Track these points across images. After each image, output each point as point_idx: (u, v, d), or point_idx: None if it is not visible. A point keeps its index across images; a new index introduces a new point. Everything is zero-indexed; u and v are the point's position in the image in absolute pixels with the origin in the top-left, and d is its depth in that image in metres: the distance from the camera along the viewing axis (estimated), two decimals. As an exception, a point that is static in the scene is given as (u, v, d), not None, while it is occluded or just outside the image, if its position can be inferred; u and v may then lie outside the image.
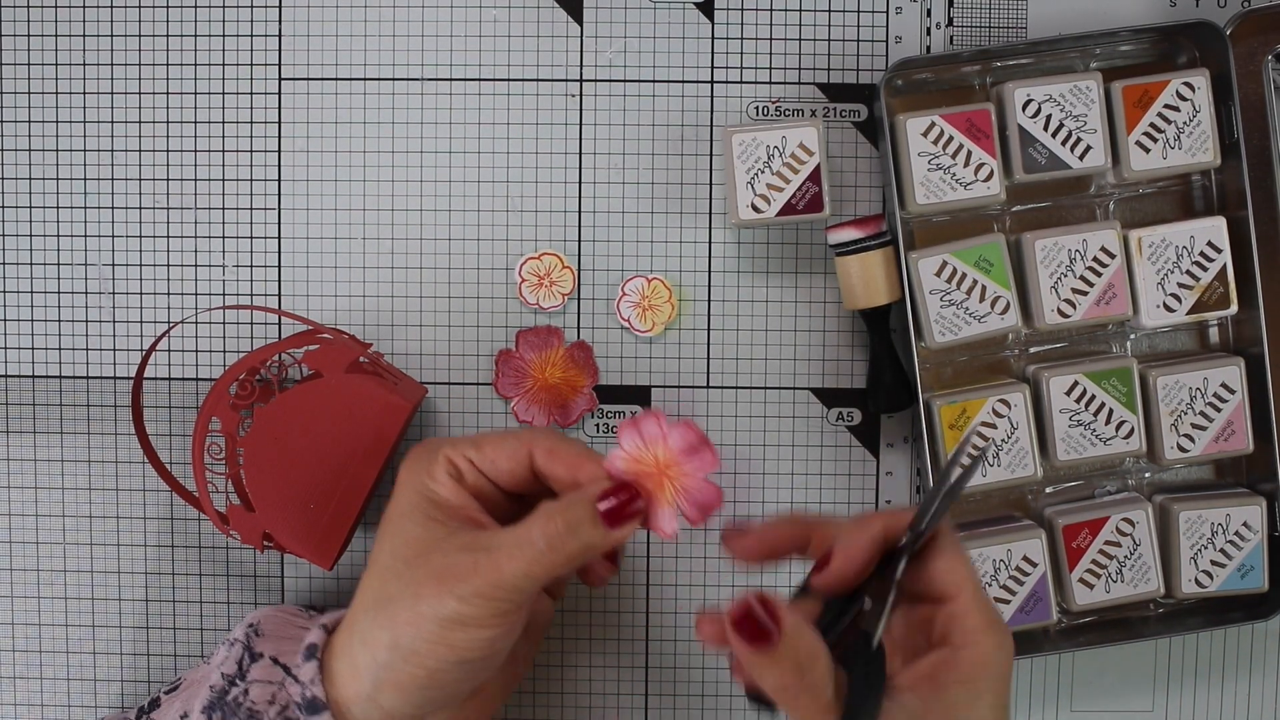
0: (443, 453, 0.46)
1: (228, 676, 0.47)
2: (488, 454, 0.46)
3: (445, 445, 0.47)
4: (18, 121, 0.57)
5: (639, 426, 0.44)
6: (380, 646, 0.44)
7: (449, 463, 0.46)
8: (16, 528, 0.58)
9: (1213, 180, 0.56)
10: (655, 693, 0.59)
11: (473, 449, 0.46)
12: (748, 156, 0.53)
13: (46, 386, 0.58)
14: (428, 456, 0.47)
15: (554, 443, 0.46)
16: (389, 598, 0.44)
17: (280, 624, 0.51)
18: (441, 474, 0.46)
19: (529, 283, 0.57)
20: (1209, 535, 0.55)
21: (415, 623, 0.43)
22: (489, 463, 0.46)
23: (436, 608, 0.43)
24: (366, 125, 0.57)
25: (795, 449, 0.58)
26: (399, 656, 0.44)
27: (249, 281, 0.58)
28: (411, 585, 0.44)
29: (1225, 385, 0.55)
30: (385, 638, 0.44)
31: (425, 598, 0.43)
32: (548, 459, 0.46)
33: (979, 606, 0.43)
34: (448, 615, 0.43)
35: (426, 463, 0.46)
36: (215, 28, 0.57)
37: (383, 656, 0.44)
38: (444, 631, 0.43)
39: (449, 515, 0.45)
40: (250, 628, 0.50)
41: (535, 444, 0.46)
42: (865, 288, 0.54)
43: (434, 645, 0.43)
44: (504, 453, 0.46)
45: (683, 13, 0.57)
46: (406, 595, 0.44)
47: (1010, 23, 0.57)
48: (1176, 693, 0.59)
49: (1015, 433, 0.54)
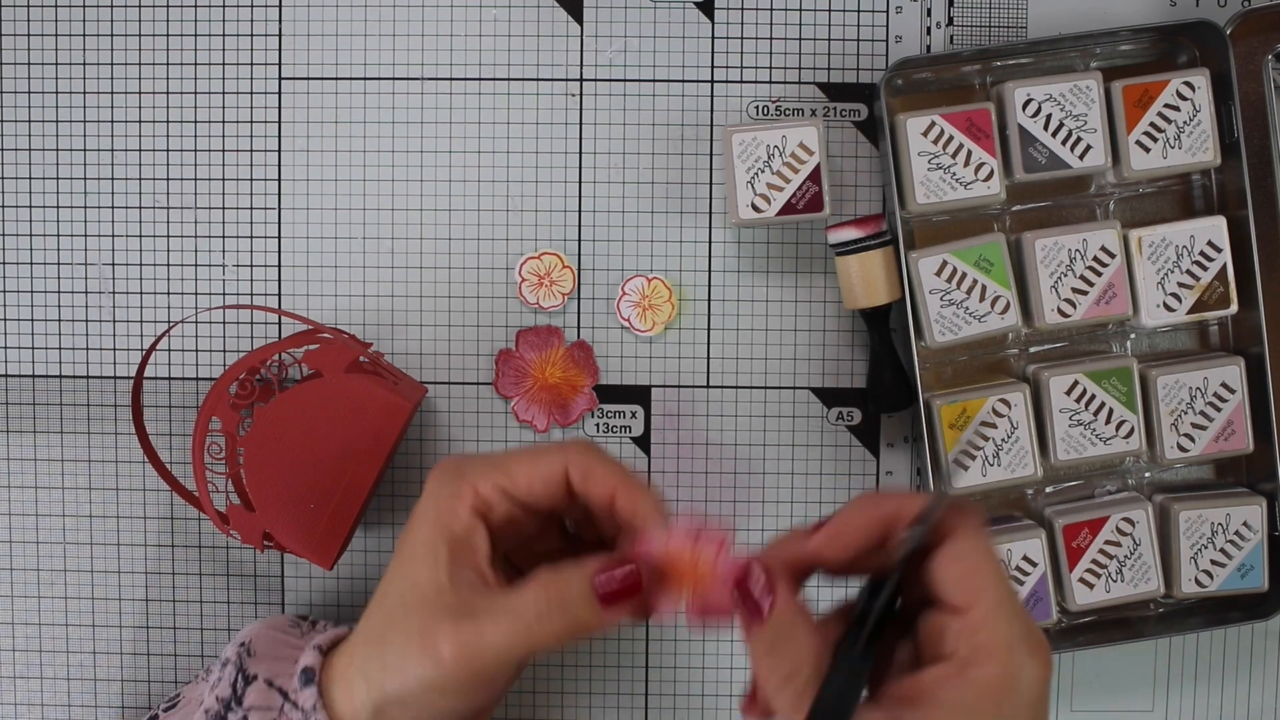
0: (470, 484, 0.44)
1: (223, 700, 0.47)
2: (520, 482, 0.44)
3: (472, 474, 0.44)
4: (18, 121, 0.57)
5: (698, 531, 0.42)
6: (375, 685, 0.44)
7: (476, 495, 0.44)
8: (16, 528, 0.58)
9: (1213, 180, 0.56)
10: (655, 693, 0.59)
11: (504, 477, 0.44)
12: (748, 156, 0.53)
13: (46, 386, 0.58)
14: (453, 485, 0.44)
15: (589, 463, 0.44)
16: (386, 641, 0.44)
17: (273, 643, 0.49)
18: (465, 510, 0.44)
19: (529, 282, 0.57)
20: (1209, 535, 0.55)
21: (402, 674, 0.43)
22: (523, 491, 0.44)
23: (421, 667, 0.42)
24: (366, 125, 0.57)
25: (795, 449, 0.58)
26: (390, 700, 0.43)
27: (249, 281, 0.58)
28: (404, 634, 0.43)
29: (1225, 385, 0.55)
30: (378, 678, 0.43)
31: (412, 653, 0.42)
32: (583, 482, 0.44)
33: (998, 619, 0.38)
34: (430, 678, 0.42)
35: (451, 494, 0.44)
36: (215, 28, 0.57)
37: (376, 695, 0.44)
38: (424, 693, 0.43)
39: (456, 560, 0.43)
40: (242, 647, 0.49)
41: (570, 465, 0.44)
42: (865, 287, 0.54)
43: (417, 703, 0.43)
44: (538, 478, 0.44)
45: (683, 13, 0.57)
46: (398, 645, 0.43)
47: (1010, 22, 0.57)
48: (1176, 693, 0.59)
49: (1015, 432, 0.54)
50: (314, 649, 0.47)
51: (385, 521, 0.58)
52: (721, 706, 0.59)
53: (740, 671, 0.59)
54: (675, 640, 0.59)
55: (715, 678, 0.59)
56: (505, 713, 0.59)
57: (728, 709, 0.59)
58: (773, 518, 0.58)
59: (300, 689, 0.45)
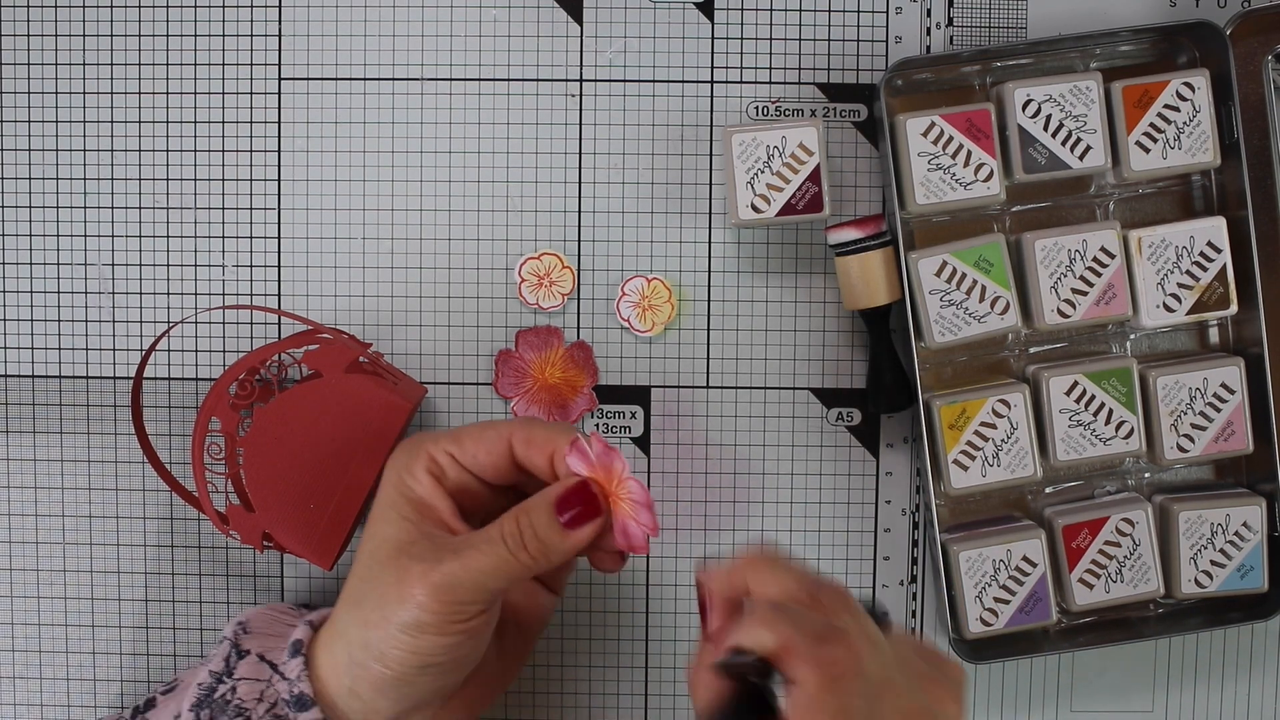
0: (424, 449, 0.46)
1: (215, 674, 0.48)
2: (468, 448, 0.46)
3: (428, 441, 0.47)
4: (18, 121, 0.57)
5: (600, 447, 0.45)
6: (355, 644, 0.45)
7: (430, 460, 0.46)
8: (16, 528, 0.58)
9: (1213, 180, 0.56)
10: (655, 693, 0.59)
11: (453, 444, 0.46)
12: (748, 156, 0.53)
13: (46, 386, 0.58)
14: (410, 453, 0.47)
15: (530, 431, 0.46)
16: (362, 597, 0.45)
17: (269, 622, 0.51)
18: (421, 472, 0.46)
19: (529, 283, 0.57)
20: (1209, 535, 0.55)
21: (381, 625, 0.44)
22: (470, 457, 0.46)
23: (398, 612, 0.43)
24: (366, 125, 0.57)
25: (795, 449, 0.58)
26: (370, 656, 0.44)
27: (249, 281, 0.58)
28: (379, 587, 0.44)
29: (1225, 385, 0.55)
30: (358, 636, 0.44)
31: (389, 601, 0.44)
32: (525, 448, 0.46)
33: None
34: (408, 620, 0.43)
35: (408, 459, 0.46)
36: (215, 28, 0.57)
37: (357, 655, 0.44)
38: (405, 636, 0.43)
39: (422, 516, 0.45)
40: (239, 625, 0.50)
41: (514, 434, 0.46)
42: (865, 288, 0.54)
43: (397, 649, 0.44)
44: (483, 446, 0.46)
45: (683, 13, 0.57)
46: (374, 596, 0.44)
47: (1010, 23, 0.57)
48: (1176, 693, 0.59)
49: (1015, 433, 0.54)
50: (305, 624, 0.48)
51: (385, 521, 0.58)
52: (721, 707, 0.59)
53: (740, 672, 0.59)
54: (675, 640, 0.59)
55: (715, 678, 0.58)
56: (505, 713, 0.59)
57: (727, 709, 0.59)
58: (773, 518, 0.58)
59: (288, 660, 0.46)
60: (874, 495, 0.58)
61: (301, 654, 0.46)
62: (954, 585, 0.55)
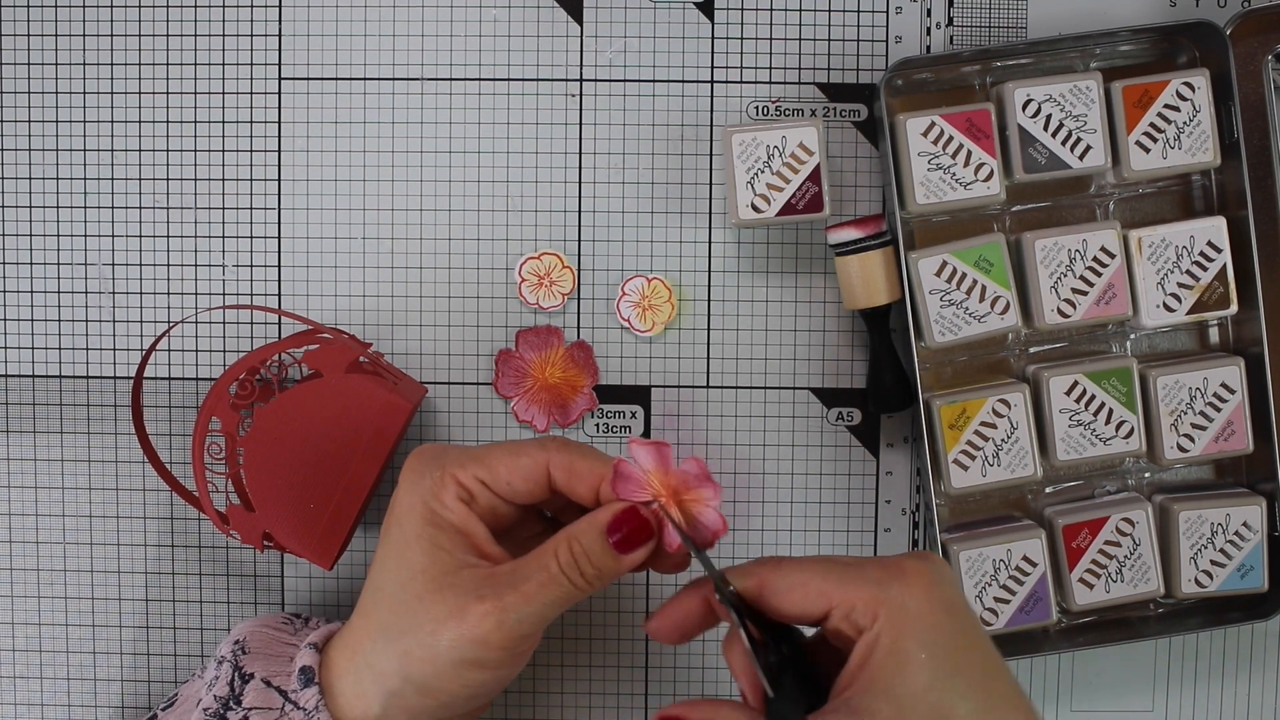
0: (451, 474, 0.45)
1: (221, 699, 0.47)
2: (501, 475, 0.45)
3: (452, 463, 0.45)
4: (18, 121, 0.57)
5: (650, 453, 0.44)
6: (392, 677, 0.44)
7: (459, 486, 0.45)
8: (16, 528, 0.58)
9: (1213, 180, 0.56)
10: (655, 693, 0.59)
11: (484, 470, 0.45)
12: (748, 156, 0.53)
13: (46, 386, 0.58)
14: (434, 473, 0.45)
15: (570, 458, 0.45)
16: (400, 631, 0.44)
17: (267, 641, 0.50)
18: (451, 498, 0.44)
19: (529, 283, 0.57)
20: (1209, 535, 0.55)
21: (431, 661, 0.43)
22: (504, 485, 0.45)
23: (455, 650, 0.43)
24: (366, 125, 0.57)
25: (795, 449, 0.58)
26: (411, 688, 0.44)
27: (249, 281, 0.58)
28: (427, 623, 0.43)
29: (1225, 385, 0.55)
30: (397, 669, 0.44)
31: (442, 637, 0.43)
32: (567, 478, 0.45)
33: (847, 580, 0.40)
34: (469, 657, 0.43)
35: (433, 482, 0.45)
36: (215, 28, 0.57)
37: (394, 685, 0.44)
38: (461, 671, 0.43)
39: (455, 544, 0.44)
40: (237, 645, 0.49)
41: (551, 461, 0.45)
42: (865, 288, 0.54)
43: (449, 683, 0.43)
44: (519, 473, 0.45)
45: (683, 13, 0.57)
46: (421, 633, 0.43)
47: (1010, 23, 0.57)
48: (1176, 693, 0.59)
49: (1015, 433, 0.54)
50: (310, 648, 0.47)
51: (385, 521, 0.58)
52: (721, 706, 0.59)
53: (740, 671, 0.59)
54: (675, 640, 0.59)
55: (715, 678, 0.59)
56: (505, 713, 0.59)
57: (728, 709, 0.59)
58: (773, 518, 0.58)
59: (300, 689, 0.45)
60: (874, 495, 0.58)
61: (315, 682, 0.45)
62: (954, 585, 0.55)
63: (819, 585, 0.41)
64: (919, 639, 0.39)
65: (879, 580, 0.40)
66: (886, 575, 0.40)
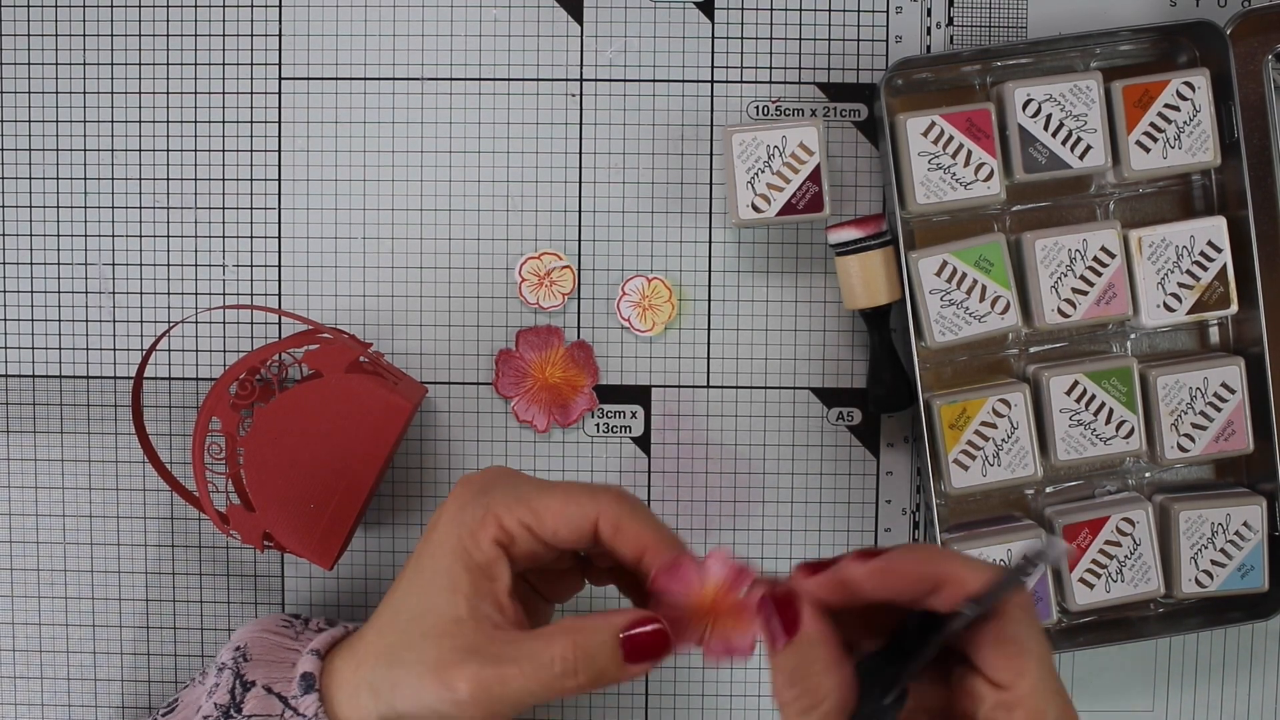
0: (494, 514, 0.44)
1: (221, 707, 0.47)
2: (547, 524, 0.43)
3: (498, 503, 0.44)
4: (18, 121, 0.57)
5: (722, 570, 0.42)
6: (384, 700, 0.44)
7: (499, 528, 0.44)
8: (16, 528, 0.58)
9: (1213, 180, 0.56)
10: (655, 692, 0.59)
11: (532, 516, 0.44)
12: (748, 156, 0.53)
13: (46, 386, 0.58)
14: (477, 512, 0.44)
15: (620, 515, 0.43)
16: (401, 661, 0.43)
17: (269, 647, 0.49)
18: (487, 540, 0.43)
19: (529, 282, 0.57)
20: (1209, 535, 0.55)
21: (413, 701, 0.43)
22: (550, 533, 0.44)
23: (434, 701, 0.42)
24: (366, 125, 0.57)
25: (795, 449, 0.58)
26: (400, 715, 0.44)
27: (249, 281, 0.58)
28: (420, 664, 0.43)
29: (1225, 385, 0.55)
30: (387, 696, 0.44)
31: (426, 685, 0.42)
32: (613, 535, 0.43)
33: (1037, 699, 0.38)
34: (441, 713, 0.43)
35: (473, 519, 0.44)
36: (215, 28, 0.57)
37: (384, 709, 0.44)
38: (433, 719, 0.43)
39: (477, 589, 0.43)
40: (238, 651, 0.49)
41: (602, 516, 0.43)
42: (865, 288, 0.54)
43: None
44: (565, 524, 0.43)
45: (683, 13, 0.57)
46: (413, 672, 0.43)
47: (1010, 23, 0.57)
48: (1176, 693, 0.59)
49: (1015, 433, 0.54)
50: (311, 654, 0.47)
51: (385, 521, 0.58)
52: (721, 707, 0.59)
53: (740, 672, 0.59)
54: (675, 640, 0.59)
55: (715, 677, 0.59)
56: (505, 713, 0.59)
57: (727, 709, 0.59)
58: (773, 518, 0.58)
59: (300, 695, 0.45)
60: (874, 495, 0.58)
61: (315, 690, 0.45)
62: (954, 585, 0.55)
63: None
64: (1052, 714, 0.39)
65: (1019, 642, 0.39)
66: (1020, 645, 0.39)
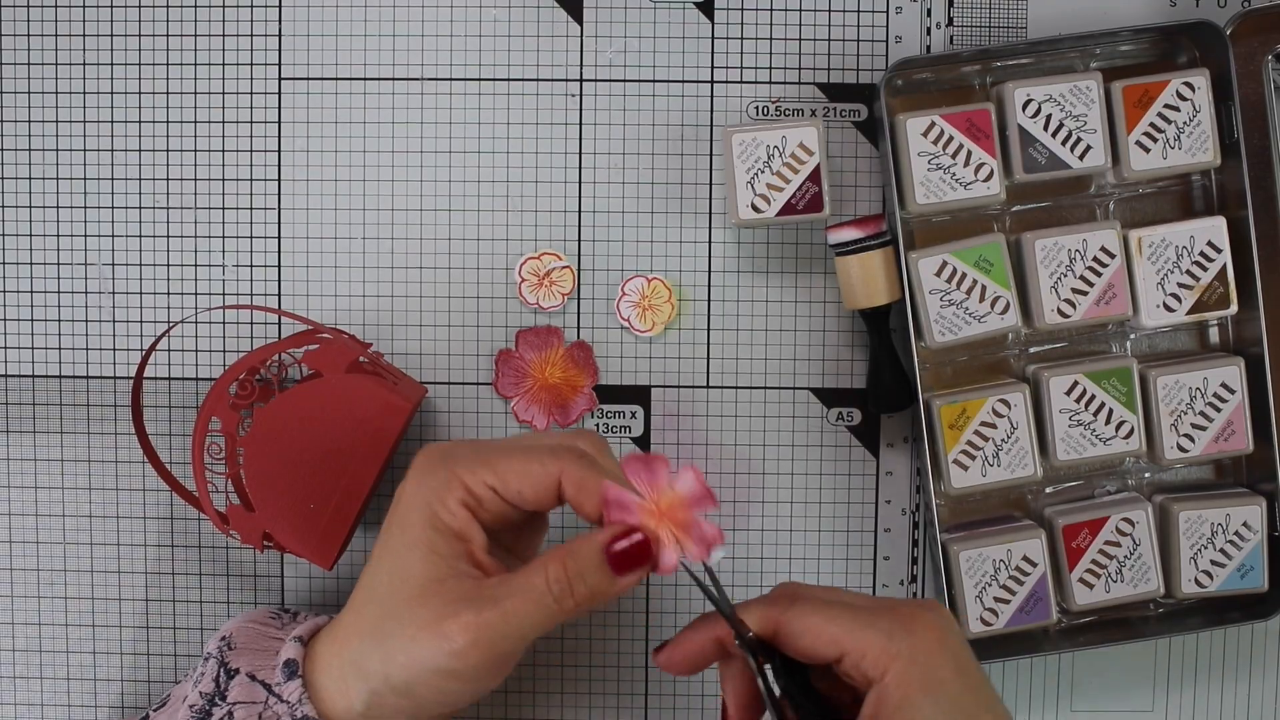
0: (458, 477, 0.44)
1: (206, 695, 0.47)
2: (511, 484, 0.44)
3: (461, 466, 0.44)
4: (18, 121, 0.57)
5: (646, 471, 0.44)
6: (374, 676, 0.44)
7: (466, 491, 0.44)
8: (16, 528, 0.58)
9: (1213, 180, 0.56)
10: (655, 692, 0.59)
11: (495, 477, 0.44)
12: (748, 156, 0.53)
13: (46, 386, 0.58)
14: (440, 475, 0.44)
15: (583, 474, 0.44)
16: (387, 633, 0.44)
17: (254, 636, 0.49)
18: (455, 503, 0.44)
19: (529, 283, 0.57)
20: (1209, 535, 0.55)
21: (409, 666, 0.43)
22: (514, 493, 0.44)
23: (433, 658, 0.42)
24: (366, 125, 0.57)
25: (795, 449, 0.58)
26: (390, 689, 0.44)
27: (249, 281, 0.58)
28: (410, 627, 0.43)
29: (1225, 385, 0.55)
30: (379, 669, 0.44)
31: (422, 644, 0.42)
32: (577, 493, 0.44)
33: (860, 628, 0.41)
34: (443, 667, 0.42)
35: (439, 484, 0.44)
36: (215, 28, 0.57)
37: (376, 685, 0.44)
38: (437, 680, 0.43)
39: (451, 550, 0.44)
40: (223, 641, 0.49)
41: (564, 474, 0.44)
42: (865, 288, 0.54)
43: (425, 689, 0.43)
44: (529, 484, 0.44)
45: (683, 13, 0.57)
46: (403, 636, 0.43)
47: (1010, 23, 0.57)
48: (1176, 693, 0.59)
49: (1015, 433, 0.54)
50: (294, 640, 0.47)
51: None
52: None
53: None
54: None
55: (715, 677, 0.59)
56: (505, 713, 0.59)
57: (728, 709, 0.59)
58: (773, 518, 0.58)
59: (284, 682, 0.46)
60: (874, 495, 0.58)
61: (299, 675, 0.45)
62: (954, 585, 0.55)
63: (832, 632, 0.42)
64: (929, 695, 0.40)
65: (890, 632, 0.41)
66: (898, 627, 0.42)
